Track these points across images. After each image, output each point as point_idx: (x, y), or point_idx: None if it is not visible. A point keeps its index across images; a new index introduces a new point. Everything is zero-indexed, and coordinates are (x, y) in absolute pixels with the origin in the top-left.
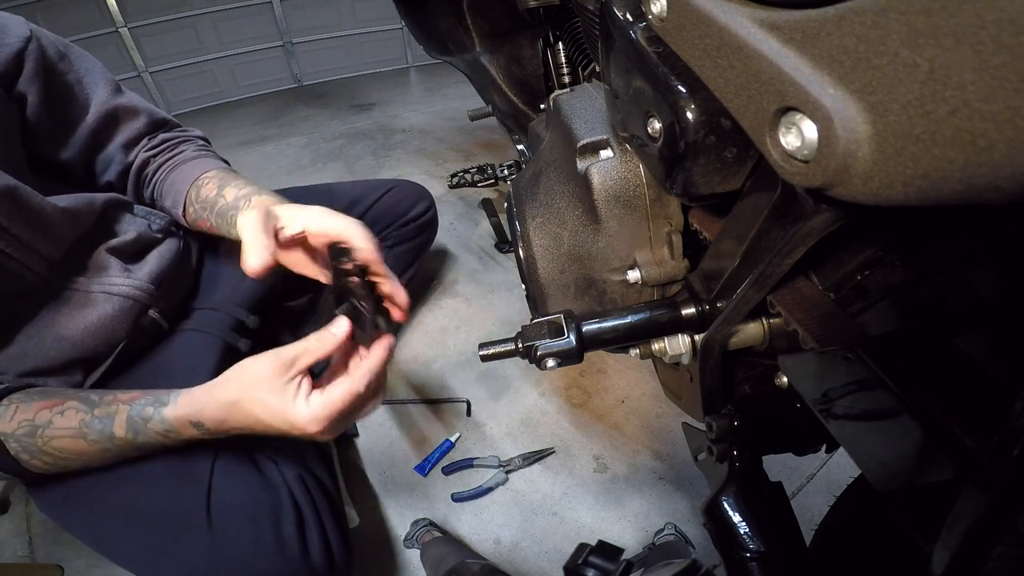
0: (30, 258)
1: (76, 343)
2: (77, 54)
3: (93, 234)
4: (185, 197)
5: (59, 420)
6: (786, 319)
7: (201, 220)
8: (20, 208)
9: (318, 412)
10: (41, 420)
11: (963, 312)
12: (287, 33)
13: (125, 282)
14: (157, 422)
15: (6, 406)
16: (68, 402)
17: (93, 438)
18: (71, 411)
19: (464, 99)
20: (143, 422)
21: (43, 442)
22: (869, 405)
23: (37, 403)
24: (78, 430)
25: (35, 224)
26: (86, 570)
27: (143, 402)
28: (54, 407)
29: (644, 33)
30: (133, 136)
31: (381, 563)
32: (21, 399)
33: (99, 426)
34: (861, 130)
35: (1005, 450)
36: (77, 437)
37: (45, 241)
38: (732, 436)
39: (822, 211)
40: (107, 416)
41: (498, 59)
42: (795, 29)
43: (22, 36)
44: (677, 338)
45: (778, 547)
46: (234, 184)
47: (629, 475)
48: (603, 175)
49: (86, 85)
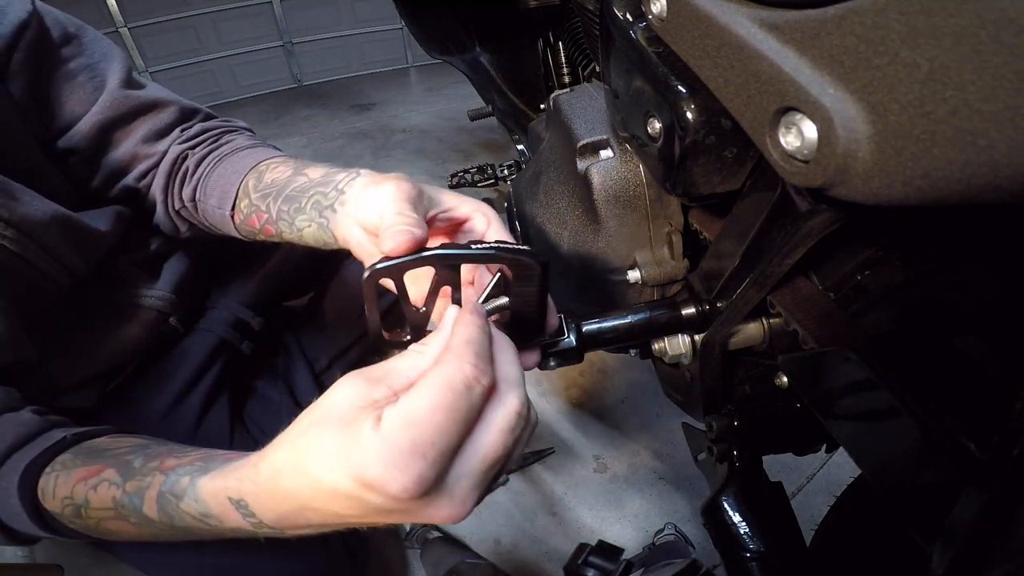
0: (60, 274)
1: (103, 357)
2: (91, 37)
3: (116, 247)
4: (237, 190)
5: (94, 498)
6: (786, 319)
7: (256, 215)
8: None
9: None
10: (79, 498)
11: (963, 312)
12: (287, 33)
13: (148, 293)
14: (191, 500)
15: (48, 476)
16: (104, 471)
17: (133, 520)
18: (104, 484)
19: (464, 99)
20: (175, 500)
21: (94, 523)
22: (869, 405)
23: (77, 472)
24: (115, 511)
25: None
26: (86, 570)
27: (184, 470)
28: (89, 479)
29: (644, 33)
30: (159, 128)
31: (381, 563)
32: (65, 463)
33: (131, 505)
34: (861, 130)
35: (1005, 450)
36: (119, 519)
37: (80, 260)
38: (732, 436)
39: (822, 211)
40: (137, 492)
41: (498, 59)
42: (795, 29)
43: (18, 18)
44: (677, 338)
45: (778, 547)
46: (318, 166)
47: (629, 475)
48: (603, 175)
49: (98, 71)
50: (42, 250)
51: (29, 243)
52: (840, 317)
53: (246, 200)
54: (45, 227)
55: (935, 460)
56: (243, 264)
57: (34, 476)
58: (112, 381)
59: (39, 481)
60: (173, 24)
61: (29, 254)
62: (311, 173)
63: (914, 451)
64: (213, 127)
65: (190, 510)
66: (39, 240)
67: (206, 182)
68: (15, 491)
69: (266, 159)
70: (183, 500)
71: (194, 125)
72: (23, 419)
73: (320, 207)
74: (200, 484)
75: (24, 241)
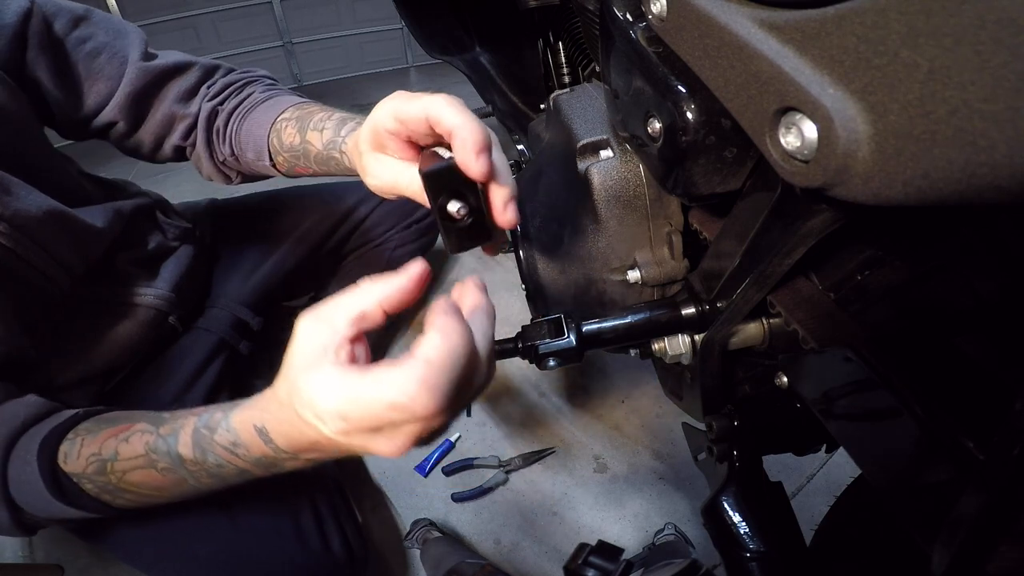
0: (56, 272)
1: (101, 356)
2: (100, 17)
3: (113, 246)
4: (268, 147)
5: (124, 449)
6: (786, 319)
7: (299, 167)
8: (62, 226)
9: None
10: (108, 452)
11: (963, 312)
12: (287, 33)
13: (148, 292)
14: (224, 431)
15: (72, 441)
16: (136, 425)
17: (162, 465)
18: (136, 435)
19: (464, 99)
20: (209, 433)
21: (116, 478)
22: (869, 405)
23: (105, 431)
24: (146, 457)
25: (74, 242)
26: (86, 570)
27: (215, 408)
28: (120, 433)
29: (644, 33)
30: (188, 88)
31: (381, 563)
32: (89, 429)
33: (164, 447)
34: (861, 130)
35: (1005, 450)
36: (147, 467)
37: (76, 257)
38: (732, 436)
39: (822, 211)
40: (172, 433)
41: (498, 59)
42: (795, 29)
43: (18, 13)
44: (677, 338)
45: (778, 547)
46: (313, 128)
47: (629, 475)
48: (603, 175)
49: (117, 48)
50: (36, 246)
51: (22, 238)
52: (840, 317)
53: (281, 156)
54: (39, 222)
55: (935, 460)
56: (243, 264)
57: (55, 442)
58: (110, 380)
59: (60, 446)
60: (173, 24)
61: (23, 250)
62: (313, 140)
63: (914, 451)
64: (234, 80)
65: (223, 440)
66: (32, 235)
67: (238, 138)
68: (34, 457)
69: (278, 116)
70: (217, 431)
71: (217, 81)
72: (31, 400)
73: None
74: (232, 415)
75: (17, 236)
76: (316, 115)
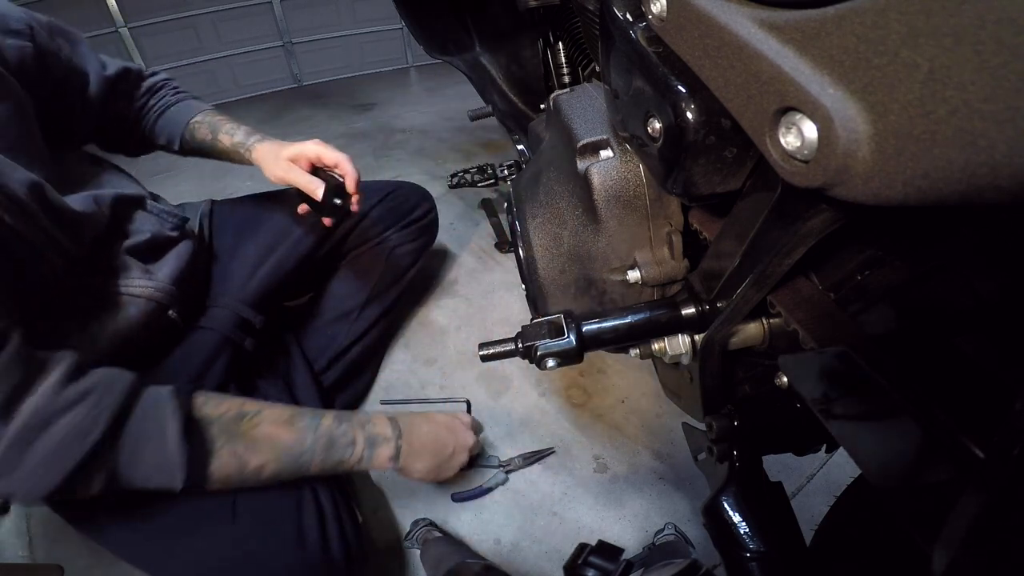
0: (53, 249)
1: (101, 347)
2: (59, 28)
3: (108, 234)
4: (180, 139)
5: (269, 411)
6: (786, 319)
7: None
8: (44, 203)
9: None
10: (250, 409)
11: (963, 312)
12: (287, 33)
13: (147, 283)
14: (363, 415)
15: (207, 397)
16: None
17: (301, 425)
18: (280, 406)
19: (464, 99)
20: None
21: (249, 427)
22: (869, 405)
23: (239, 399)
24: (289, 418)
25: (57, 220)
26: (86, 570)
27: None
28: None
29: (644, 33)
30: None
31: (381, 563)
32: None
33: (310, 413)
34: (861, 130)
35: (1005, 450)
36: (286, 423)
37: (65, 237)
38: (732, 436)
39: (822, 211)
40: (317, 414)
41: (498, 59)
42: (795, 29)
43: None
44: (677, 338)
45: (778, 547)
46: (224, 131)
47: (629, 475)
48: (603, 175)
49: (79, 56)
50: (25, 215)
51: (11, 205)
52: (840, 317)
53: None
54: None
55: (935, 460)
56: (243, 263)
57: (190, 391)
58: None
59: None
60: (173, 24)
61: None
62: (224, 140)
63: (914, 451)
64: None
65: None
66: (20, 204)
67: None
68: (169, 392)
69: (190, 119)
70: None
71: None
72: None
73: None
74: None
75: (7, 203)
76: (226, 124)
